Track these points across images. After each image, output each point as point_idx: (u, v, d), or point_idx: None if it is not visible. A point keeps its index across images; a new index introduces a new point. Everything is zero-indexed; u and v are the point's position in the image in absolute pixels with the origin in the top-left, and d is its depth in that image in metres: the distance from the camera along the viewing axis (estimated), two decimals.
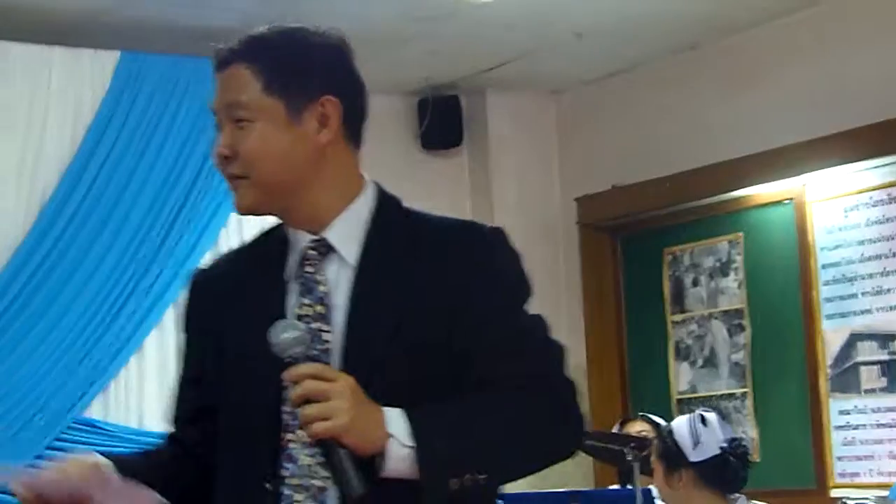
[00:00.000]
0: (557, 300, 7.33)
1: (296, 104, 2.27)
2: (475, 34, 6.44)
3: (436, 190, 7.21)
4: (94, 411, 5.86)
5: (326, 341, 2.25)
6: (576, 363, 7.22)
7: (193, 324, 2.46)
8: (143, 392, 5.99)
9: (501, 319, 2.28)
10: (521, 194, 7.45)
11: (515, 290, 2.34)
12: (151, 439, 5.84)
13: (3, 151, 5.76)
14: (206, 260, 5.90)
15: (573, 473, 6.82)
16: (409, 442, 2.14)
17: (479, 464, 2.19)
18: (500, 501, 2.40)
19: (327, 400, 2.11)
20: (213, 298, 2.40)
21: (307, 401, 2.12)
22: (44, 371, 5.72)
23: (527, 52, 6.76)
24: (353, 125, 2.34)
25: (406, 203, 2.41)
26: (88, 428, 5.78)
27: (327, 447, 2.12)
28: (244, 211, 2.33)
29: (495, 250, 2.34)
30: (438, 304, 2.25)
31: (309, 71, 2.30)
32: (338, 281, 2.29)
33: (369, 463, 2.14)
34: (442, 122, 7.35)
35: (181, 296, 5.89)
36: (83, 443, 5.74)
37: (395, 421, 2.16)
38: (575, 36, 6.52)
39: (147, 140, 6.06)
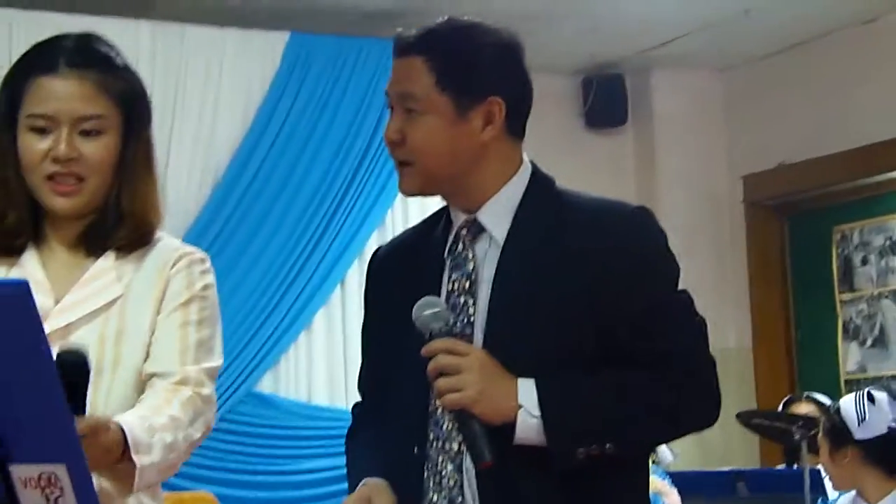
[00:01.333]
0: (723, 279, 7.28)
1: (464, 103, 2.37)
2: (640, 11, 6.41)
3: (599, 169, 7.21)
4: (265, 385, 5.98)
5: (471, 314, 2.36)
6: (742, 343, 7.22)
7: (370, 302, 2.59)
8: (312, 367, 6.09)
9: (642, 296, 2.34)
10: (686, 173, 7.40)
11: (658, 268, 2.40)
12: (320, 414, 5.98)
13: (178, 131, 5.91)
14: (372, 239, 6.03)
15: (738, 453, 6.79)
16: (537, 412, 2.25)
17: (607, 434, 2.27)
18: (667, 478, 2.46)
19: (458, 373, 2.24)
20: (386, 277, 2.55)
21: (441, 374, 2.24)
22: None
23: (693, 29, 6.71)
24: (517, 121, 2.44)
25: (569, 182, 2.48)
26: (259, 402, 5.91)
27: (460, 417, 2.24)
28: (407, 194, 2.46)
29: (639, 229, 2.40)
30: (580, 280, 2.32)
31: (479, 71, 2.39)
32: (486, 258, 2.39)
33: (500, 431, 2.24)
34: (606, 100, 7.34)
35: (349, 273, 6.07)
36: (254, 416, 5.87)
37: (526, 391, 2.26)
38: (743, 12, 6.45)
39: (315, 120, 6.16)
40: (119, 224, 2.45)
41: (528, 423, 2.25)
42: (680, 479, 5.34)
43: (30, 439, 1.78)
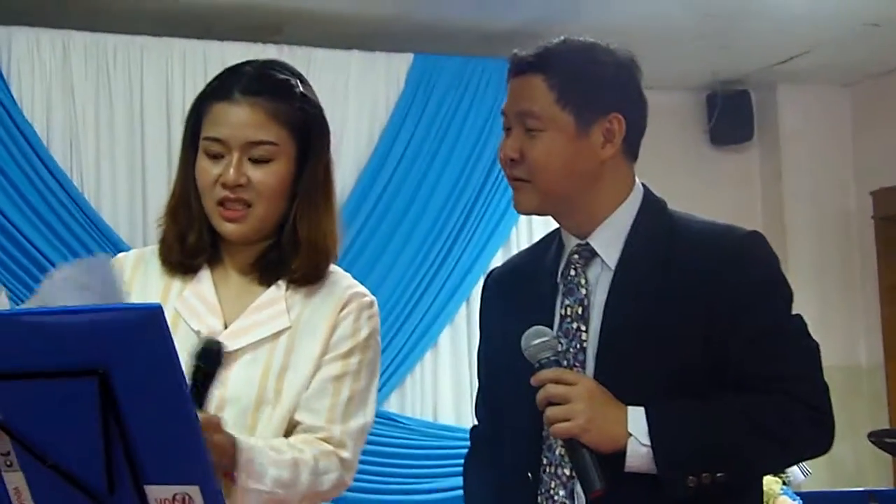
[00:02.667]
0: (853, 296, 7.17)
1: (586, 119, 2.36)
2: (765, 28, 6.36)
3: (725, 185, 7.15)
4: (392, 405, 6.02)
5: (584, 340, 2.36)
6: (873, 361, 7.10)
7: (483, 326, 2.60)
8: (437, 386, 6.12)
9: (754, 322, 2.31)
10: (814, 188, 7.31)
11: (770, 293, 2.36)
12: (446, 433, 5.99)
13: None
14: (497, 257, 6.05)
15: (870, 472, 6.68)
16: (647, 440, 2.24)
17: (717, 463, 2.25)
18: (797, 499, 2.43)
19: (567, 402, 2.23)
20: (500, 301, 2.55)
21: (551, 403, 2.25)
22: None
23: (818, 44, 6.64)
24: (633, 140, 2.44)
25: (694, 199, 2.47)
26: (386, 421, 5.94)
27: (570, 445, 2.24)
28: (523, 211, 2.46)
29: (751, 255, 2.36)
30: (692, 306, 2.30)
31: (600, 88, 2.38)
32: (598, 283, 2.38)
33: (611, 459, 2.23)
34: (731, 117, 7.28)
35: (474, 291, 6.09)
36: (381, 436, 5.91)
37: (635, 420, 2.25)
38: (870, 26, 6.37)
39: (440, 139, 6.20)
40: (294, 253, 2.45)
41: (639, 451, 2.24)
42: (810, 500, 5.27)
43: (164, 461, 1.81)
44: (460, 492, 5.93)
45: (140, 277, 2.49)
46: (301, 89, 2.48)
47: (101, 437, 1.80)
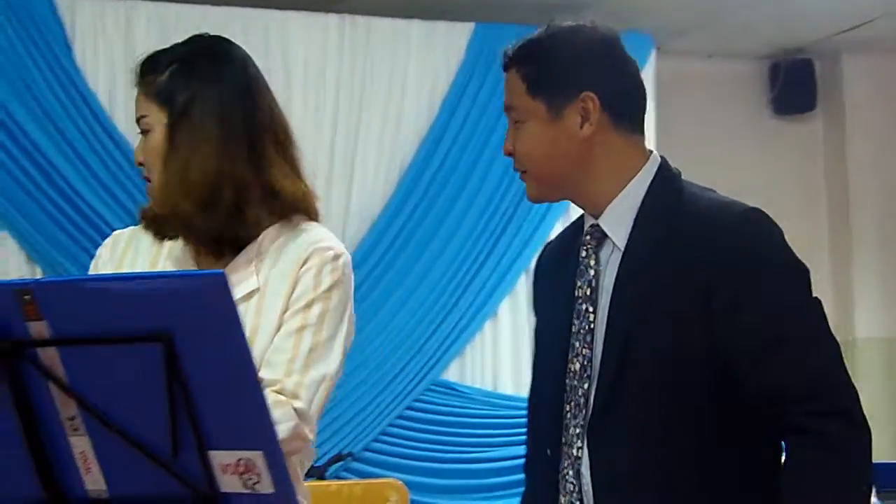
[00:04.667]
0: None
1: (556, 103, 2.38)
2: None
3: (787, 155, 7.09)
4: (451, 374, 6.03)
5: (591, 322, 2.37)
6: None
7: (533, 300, 2.63)
8: (497, 356, 6.13)
9: (752, 310, 2.26)
10: (877, 157, 7.24)
11: (764, 275, 2.29)
12: (505, 402, 6.00)
13: (365, 121, 6.00)
14: (556, 226, 6.04)
15: None
16: None
17: None
18: None
19: None
20: (543, 276, 2.58)
21: None
22: (403, 335, 5.92)
23: (884, 12, 6.56)
24: (622, 111, 2.41)
25: (756, 169, 2.46)
26: (445, 390, 5.97)
27: None
28: (532, 201, 2.51)
29: (744, 234, 2.31)
30: (687, 288, 2.28)
31: (566, 70, 2.39)
32: (608, 264, 2.39)
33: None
34: (794, 86, 7.22)
35: (533, 262, 6.08)
36: (440, 404, 5.93)
37: None
38: None
39: (500, 110, 6.16)
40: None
41: None
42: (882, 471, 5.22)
43: (228, 426, 1.82)
44: (518, 461, 5.98)
45: (132, 250, 2.57)
46: (176, 53, 2.53)
47: (166, 401, 1.82)
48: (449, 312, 6.01)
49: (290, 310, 2.42)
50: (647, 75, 6.28)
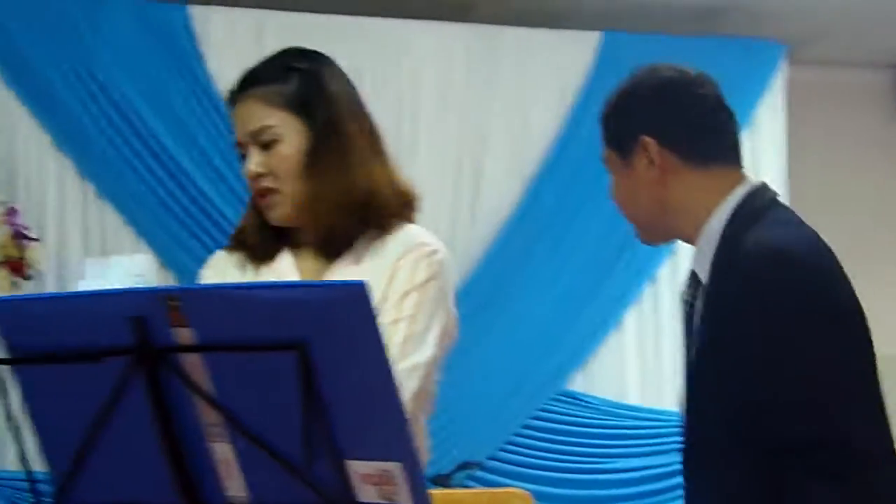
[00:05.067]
0: None
1: (623, 152, 2.47)
2: None
3: None
4: (577, 384, 6.00)
5: (686, 357, 2.42)
6: None
7: None
8: (623, 367, 6.08)
9: (764, 363, 2.21)
10: None
11: (755, 320, 2.22)
12: (630, 413, 5.96)
13: (493, 129, 6.00)
14: None
15: None
16: None
17: None
18: None
19: None
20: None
21: None
22: (528, 345, 5.90)
23: None
24: (689, 147, 2.43)
25: (882, 179, 2.45)
26: (570, 400, 5.93)
27: None
28: (646, 244, 2.57)
29: (747, 274, 2.25)
30: (718, 331, 2.29)
31: (624, 118, 2.49)
32: (700, 299, 2.40)
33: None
34: None
35: (659, 271, 6.04)
36: (565, 414, 5.90)
37: None
38: None
39: None
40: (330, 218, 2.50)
41: None
42: None
43: (365, 437, 1.83)
44: (644, 472, 5.94)
45: (219, 272, 2.61)
46: (298, 64, 2.54)
47: (300, 410, 1.83)
48: (574, 322, 5.98)
49: (387, 303, 2.43)
50: (777, 82, 6.22)
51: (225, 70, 5.65)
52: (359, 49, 5.77)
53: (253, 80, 2.54)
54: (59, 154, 5.46)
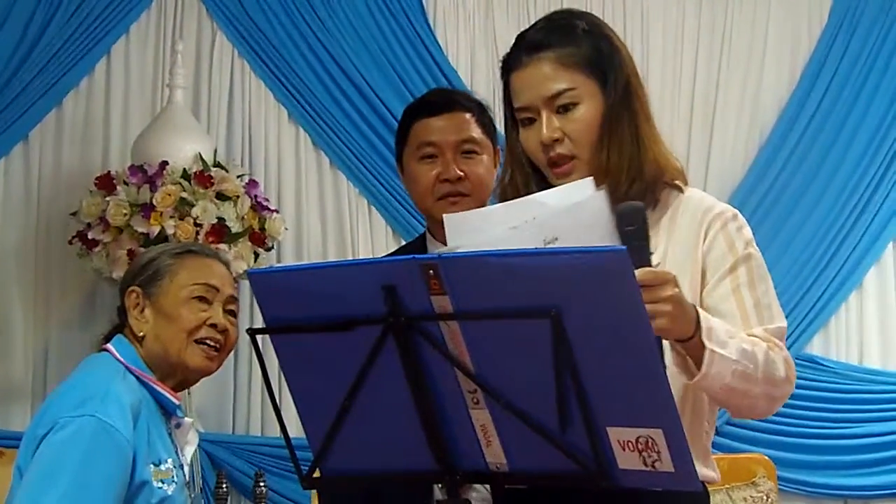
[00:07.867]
0: None
1: None
2: None
3: None
4: (815, 347, 5.89)
5: None
6: None
7: None
8: (863, 329, 5.94)
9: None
10: None
11: None
12: (872, 377, 5.82)
13: (723, 90, 5.92)
14: None
15: None
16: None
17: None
18: None
19: None
20: None
21: None
22: None
23: None
24: None
25: None
26: (810, 364, 5.82)
27: None
28: None
29: None
30: None
31: None
32: None
33: None
34: None
35: None
36: (805, 378, 5.79)
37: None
38: None
39: (864, 76, 5.98)
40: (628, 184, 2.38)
41: None
42: None
43: (625, 403, 1.81)
44: (887, 438, 5.78)
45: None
46: (584, 26, 2.41)
47: (554, 377, 1.82)
48: (812, 284, 5.85)
49: (714, 278, 2.35)
50: None
51: (456, 45, 5.69)
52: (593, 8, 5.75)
53: (542, 43, 2.39)
54: (295, 127, 5.58)
